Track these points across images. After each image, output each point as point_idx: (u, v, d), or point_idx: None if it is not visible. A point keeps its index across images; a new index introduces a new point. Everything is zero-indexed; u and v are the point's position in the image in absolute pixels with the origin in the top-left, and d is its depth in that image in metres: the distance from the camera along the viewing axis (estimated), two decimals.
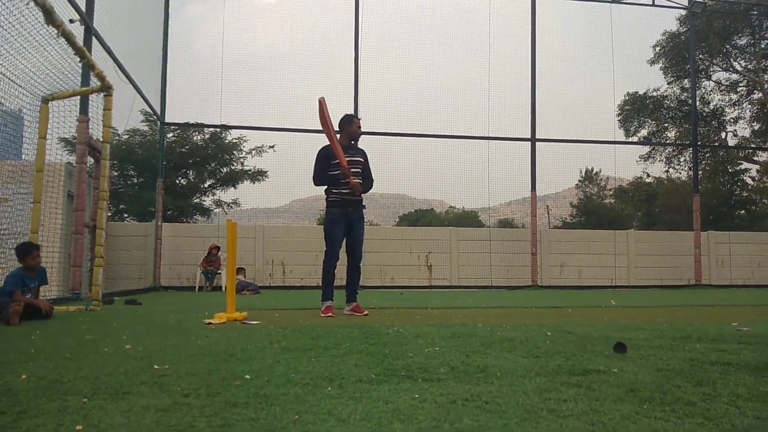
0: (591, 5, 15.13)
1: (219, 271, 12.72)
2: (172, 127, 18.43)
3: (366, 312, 5.63)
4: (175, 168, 21.50)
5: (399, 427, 1.57)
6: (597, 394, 1.98)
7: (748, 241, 15.90)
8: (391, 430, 1.55)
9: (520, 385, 2.14)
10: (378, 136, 13.64)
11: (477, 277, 14.25)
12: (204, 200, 23.33)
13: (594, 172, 37.36)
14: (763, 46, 25.41)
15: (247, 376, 2.28)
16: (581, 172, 37.97)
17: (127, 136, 19.30)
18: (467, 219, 35.77)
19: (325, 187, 5.77)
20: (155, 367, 2.49)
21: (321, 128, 5.67)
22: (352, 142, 6.03)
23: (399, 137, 13.97)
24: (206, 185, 23.20)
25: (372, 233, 13.26)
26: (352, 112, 13.44)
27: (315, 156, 5.77)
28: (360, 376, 2.30)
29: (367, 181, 5.91)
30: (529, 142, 14.28)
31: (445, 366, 2.53)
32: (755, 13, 21.74)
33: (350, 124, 5.88)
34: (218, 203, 23.55)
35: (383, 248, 13.59)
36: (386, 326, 4.37)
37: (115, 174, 19.31)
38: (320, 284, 5.75)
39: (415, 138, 14.12)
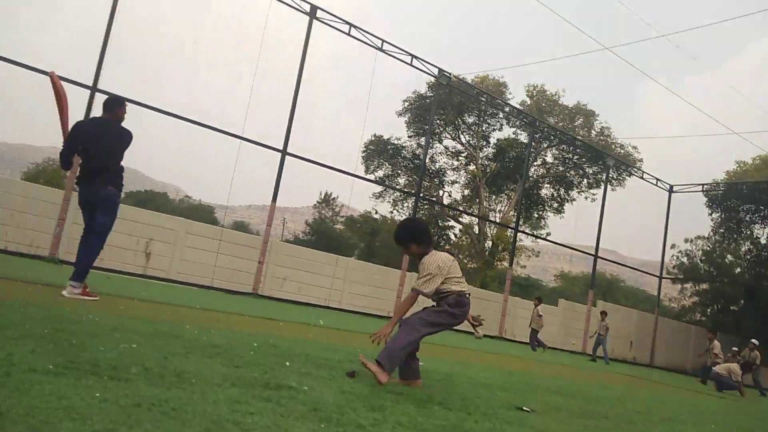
0: (361, 46, 16.33)
1: None
2: None
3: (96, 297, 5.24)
4: None
5: (69, 426, 1.44)
6: (284, 410, 2.09)
7: None
8: (57, 428, 1.41)
9: (213, 394, 2.14)
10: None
11: (199, 274, 13.76)
12: None
13: (332, 197, 39.74)
14: (484, 128, 30.52)
15: None
16: (321, 194, 40.03)
17: None
18: (201, 212, 34.51)
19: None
20: None
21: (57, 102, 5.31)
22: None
23: (146, 109, 12.86)
24: None
25: None
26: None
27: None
28: (34, 364, 2.03)
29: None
30: (280, 154, 14.55)
31: (138, 366, 2.39)
32: (483, 99, 26.05)
33: (121, 107, 5.58)
34: None
35: None
36: (81, 312, 3.93)
37: None
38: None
39: (164, 116, 13.16)
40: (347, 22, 15.82)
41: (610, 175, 26.92)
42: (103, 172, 5.33)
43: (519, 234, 24.96)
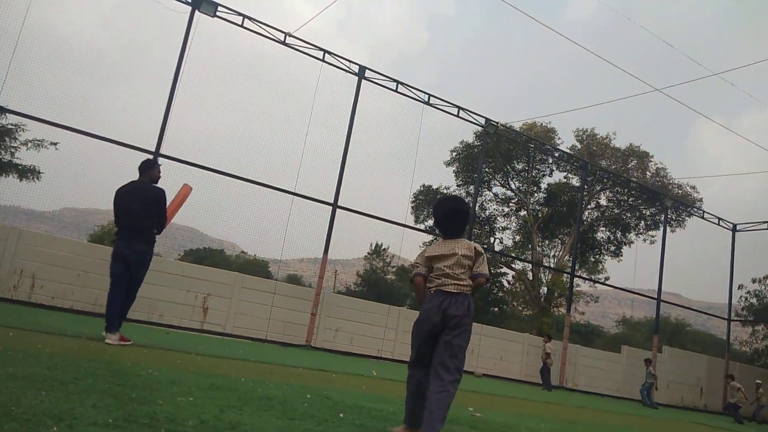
0: (408, 101, 16.72)
1: None
2: None
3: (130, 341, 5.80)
4: None
5: None
6: None
7: (494, 335, 18.10)
8: None
9: None
10: (181, 165, 13.00)
11: (253, 328, 13.91)
12: None
13: (383, 247, 39.80)
14: (533, 174, 30.25)
15: None
16: (371, 245, 40.19)
17: None
18: (256, 267, 35.17)
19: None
20: None
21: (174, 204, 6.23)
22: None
23: (202, 170, 13.43)
24: None
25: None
26: (157, 142, 12.72)
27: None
28: (95, 418, 2.09)
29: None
30: (331, 207, 14.81)
31: (195, 419, 2.41)
32: (532, 146, 25.96)
33: (152, 169, 6.10)
34: None
35: (158, 281, 12.58)
36: (140, 367, 4.03)
37: None
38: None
39: (219, 175, 13.69)
40: (394, 80, 16.28)
41: (669, 217, 25.99)
42: (134, 231, 5.82)
43: (576, 279, 24.19)
